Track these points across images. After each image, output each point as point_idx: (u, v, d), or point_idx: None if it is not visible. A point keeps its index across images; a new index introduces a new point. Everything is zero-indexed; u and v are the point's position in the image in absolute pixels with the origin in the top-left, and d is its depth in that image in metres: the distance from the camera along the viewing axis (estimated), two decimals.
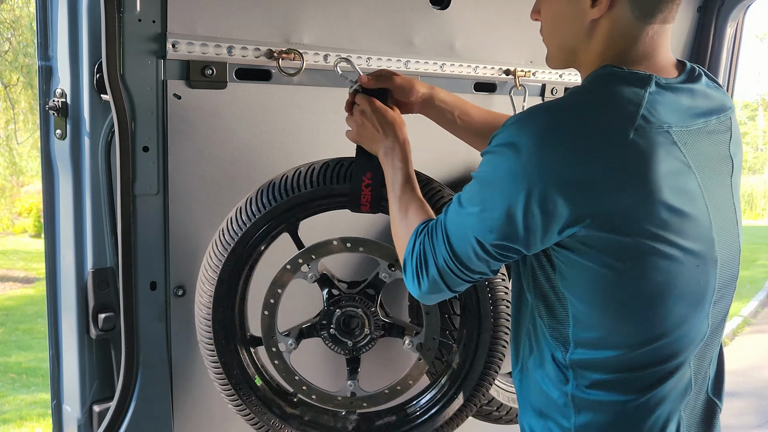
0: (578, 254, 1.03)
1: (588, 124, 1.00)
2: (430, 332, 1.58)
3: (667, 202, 1.00)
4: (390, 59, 1.81)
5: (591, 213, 0.99)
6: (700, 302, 1.09)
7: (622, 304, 1.05)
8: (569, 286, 1.07)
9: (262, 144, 1.67)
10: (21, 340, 7.63)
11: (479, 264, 1.10)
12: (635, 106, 1.01)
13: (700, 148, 1.07)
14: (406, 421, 1.64)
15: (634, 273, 1.02)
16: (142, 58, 1.48)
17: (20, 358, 7.11)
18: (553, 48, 1.20)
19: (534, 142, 0.99)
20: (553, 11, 1.15)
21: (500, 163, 1.03)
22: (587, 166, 0.98)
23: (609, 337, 1.07)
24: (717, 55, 2.58)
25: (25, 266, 10.85)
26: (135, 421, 1.61)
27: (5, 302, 9.14)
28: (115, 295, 1.63)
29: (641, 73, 1.06)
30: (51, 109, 1.60)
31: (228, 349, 1.55)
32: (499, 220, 1.03)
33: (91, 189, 1.60)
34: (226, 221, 1.52)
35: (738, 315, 8.44)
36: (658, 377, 1.08)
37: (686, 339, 1.09)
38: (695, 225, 1.04)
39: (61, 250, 1.70)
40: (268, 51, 1.62)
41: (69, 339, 1.71)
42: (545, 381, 1.16)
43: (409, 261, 1.19)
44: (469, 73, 1.96)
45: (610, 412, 1.09)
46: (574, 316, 1.08)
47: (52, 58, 1.63)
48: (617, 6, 1.08)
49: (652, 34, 1.10)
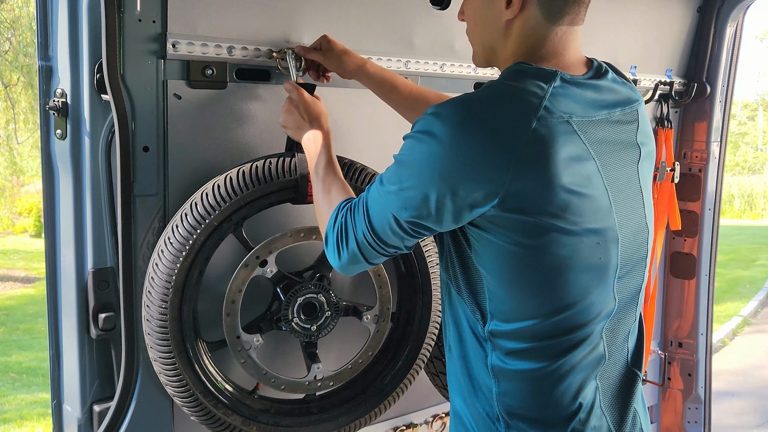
0: (489, 233, 1.13)
1: (495, 115, 1.10)
2: (383, 304, 1.74)
3: (565, 185, 1.10)
4: (390, 59, 1.81)
5: (498, 195, 1.08)
6: (602, 277, 1.18)
7: (530, 278, 1.15)
8: (483, 262, 1.17)
9: (262, 144, 1.67)
10: (21, 339, 7.63)
11: (394, 239, 1.19)
12: (539, 99, 1.11)
13: (601, 136, 1.17)
14: (362, 390, 1.78)
15: (539, 249, 1.12)
16: (142, 58, 1.48)
17: (20, 357, 7.11)
18: (476, 46, 1.30)
19: (448, 131, 1.09)
20: (475, 12, 1.26)
21: (417, 148, 1.13)
22: (495, 153, 1.08)
23: (520, 308, 1.17)
24: (717, 55, 2.58)
25: (26, 266, 10.85)
26: (135, 421, 1.61)
27: (6, 302, 9.14)
28: (115, 295, 1.63)
29: (547, 69, 1.16)
30: (51, 109, 1.60)
31: (187, 360, 1.54)
32: (414, 200, 1.13)
33: (92, 189, 1.60)
34: (170, 228, 1.50)
35: (738, 315, 8.44)
36: (569, 346, 1.18)
37: (591, 310, 1.18)
38: (594, 205, 1.14)
39: (61, 249, 1.70)
40: (268, 51, 1.62)
41: (69, 339, 1.71)
42: (467, 356, 1.25)
43: (331, 234, 1.27)
44: (469, 73, 1.97)
45: (526, 378, 1.19)
46: (489, 290, 1.18)
47: (53, 58, 1.63)
48: (528, 8, 1.18)
49: (560, 34, 1.20)
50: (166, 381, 1.56)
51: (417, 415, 2.12)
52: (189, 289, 1.51)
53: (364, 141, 1.84)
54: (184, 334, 1.53)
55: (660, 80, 2.51)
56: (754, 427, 5.35)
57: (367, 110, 1.83)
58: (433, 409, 2.15)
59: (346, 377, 1.74)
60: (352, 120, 1.81)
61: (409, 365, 1.80)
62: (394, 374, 1.80)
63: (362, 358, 1.75)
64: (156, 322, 1.50)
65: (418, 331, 1.80)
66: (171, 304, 1.49)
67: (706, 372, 2.80)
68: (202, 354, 1.58)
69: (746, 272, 10.93)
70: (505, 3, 1.19)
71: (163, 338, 1.50)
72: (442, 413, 2.16)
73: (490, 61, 1.29)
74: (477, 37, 1.29)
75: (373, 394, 1.79)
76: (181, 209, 1.52)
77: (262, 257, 1.58)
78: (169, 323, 1.50)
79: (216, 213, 1.49)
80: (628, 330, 1.29)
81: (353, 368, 1.75)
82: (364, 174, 1.66)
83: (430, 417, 2.15)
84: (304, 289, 1.63)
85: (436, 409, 2.15)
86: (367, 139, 1.84)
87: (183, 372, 1.53)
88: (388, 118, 1.85)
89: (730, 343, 7.60)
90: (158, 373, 1.55)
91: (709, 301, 2.80)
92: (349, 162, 1.65)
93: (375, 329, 1.74)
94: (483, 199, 1.09)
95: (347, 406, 1.76)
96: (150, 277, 1.50)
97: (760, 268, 11.30)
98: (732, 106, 2.77)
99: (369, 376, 1.80)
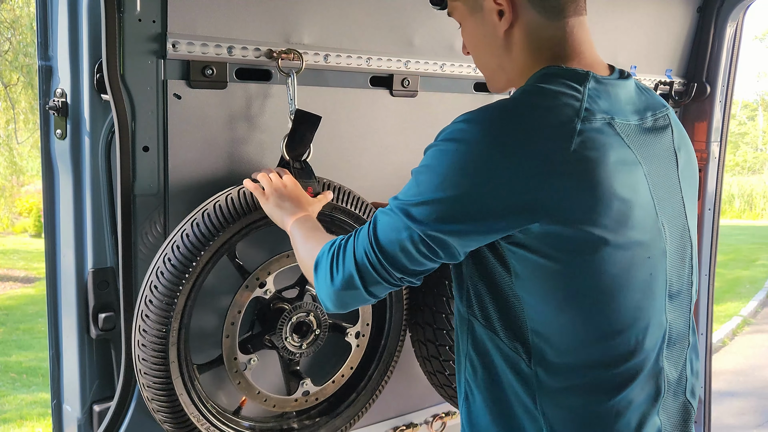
0: (533, 252, 1.02)
1: (534, 117, 1.01)
2: (364, 320, 1.78)
3: (617, 192, 1.00)
4: (390, 59, 1.81)
5: (540, 208, 0.98)
6: (653, 296, 1.09)
7: (582, 300, 1.04)
8: (527, 287, 1.05)
9: (262, 144, 1.67)
10: (21, 339, 7.63)
11: (403, 260, 1.05)
12: (578, 100, 1.03)
13: (641, 140, 1.09)
14: (336, 403, 1.82)
15: (590, 267, 1.02)
16: (142, 58, 1.48)
17: (20, 357, 7.11)
18: (488, 72, 1.22)
19: (482, 137, 1.00)
20: (472, 37, 1.19)
21: (445, 155, 1.02)
22: (536, 160, 0.98)
23: (570, 336, 1.06)
24: (717, 55, 2.58)
25: (26, 266, 10.84)
26: (135, 421, 1.61)
27: (6, 302, 9.14)
28: (115, 295, 1.63)
29: (579, 69, 1.08)
30: (51, 108, 1.60)
31: (185, 383, 1.53)
32: (438, 212, 1.00)
33: (92, 189, 1.60)
34: (161, 259, 1.47)
35: (738, 315, 8.44)
36: (624, 377, 1.07)
37: (644, 334, 1.08)
38: (643, 215, 1.05)
39: (61, 249, 1.70)
40: (268, 51, 1.62)
41: (69, 339, 1.71)
42: (503, 400, 1.11)
43: (324, 257, 1.13)
44: (469, 73, 1.96)
45: (580, 417, 1.07)
46: (531, 319, 1.07)
47: (52, 57, 1.63)
48: (522, 11, 1.11)
49: (569, 29, 1.11)
50: (157, 407, 1.52)
51: (417, 415, 2.13)
52: (187, 312, 1.50)
53: (364, 141, 1.84)
54: (181, 358, 1.51)
55: (660, 80, 2.51)
56: (754, 427, 5.35)
57: (367, 111, 1.83)
58: (433, 409, 2.15)
59: (330, 391, 1.78)
60: (353, 120, 1.81)
61: (381, 377, 1.85)
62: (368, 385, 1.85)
63: (344, 373, 1.79)
64: (153, 347, 1.46)
65: (388, 345, 1.84)
66: (171, 329, 1.47)
67: (706, 372, 2.80)
68: (195, 378, 1.57)
69: (746, 272, 10.93)
70: (497, 15, 1.12)
71: (160, 364, 1.47)
72: (442, 413, 2.16)
73: (505, 81, 1.20)
74: (483, 62, 1.21)
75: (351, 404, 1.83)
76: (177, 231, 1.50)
77: (261, 279, 1.60)
78: (167, 348, 1.47)
79: (217, 236, 1.48)
80: (684, 356, 1.18)
81: (336, 383, 1.78)
82: (352, 197, 1.67)
83: (430, 417, 2.15)
84: (297, 309, 1.65)
85: (436, 409, 2.15)
86: (367, 139, 1.84)
87: (179, 398, 1.51)
88: (388, 118, 1.85)
89: (730, 343, 7.60)
90: (149, 399, 1.51)
91: (709, 301, 2.79)
92: (338, 186, 1.66)
93: (356, 345, 1.78)
94: (521, 213, 0.98)
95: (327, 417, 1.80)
96: (148, 301, 1.46)
97: (760, 268, 11.29)
98: (732, 106, 2.77)
99: (348, 389, 1.84)
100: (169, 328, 1.45)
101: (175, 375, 1.49)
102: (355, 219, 1.69)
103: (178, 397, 1.50)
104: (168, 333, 1.45)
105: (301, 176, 1.58)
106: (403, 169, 1.90)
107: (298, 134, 1.59)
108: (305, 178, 1.59)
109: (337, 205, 1.65)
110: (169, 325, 1.45)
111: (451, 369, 1.82)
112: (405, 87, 1.86)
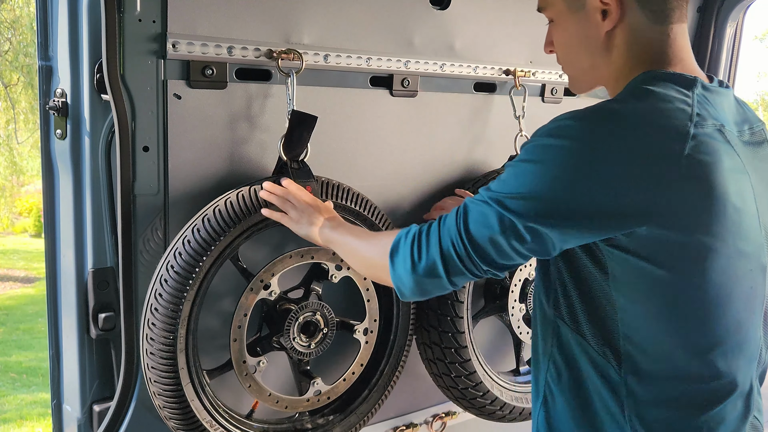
0: (635, 255, 0.99)
1: (646, 119, 0.98)
2: (371, 316, 1.76)
3: (730, 199, 0.98)
4: (390, 59, 1.81)
5: (651, 212, 0.95)
6: (752, 310, 1.06)
7: (680, 307, 1.01)
8: (623, 290, 1.02)
9: (262, 144, 1.67)
10: (21, 339, 7.64)
11: (492, 252, 1.02)
12: (688, 105, 1.00)
13: (746, 151, 1.07)
14: (348, 400, 1.81)
15: (696, 274, 0.99)
16: (142, 58, 1.48)
17: (20, 357, 7.11)
18: (576, 72, 1.19)
19: (591, 133, 0.97)
20: (567, 35, 1.15)
21: (549, 149, 0.99)
22: (649, 162, 0.95)
23: (664, 344, 1.02)
24: (717, 55, 2.58)
25: (26, 266, 10.85)
26: (135, 421, 1.61)
27: (5, 302, 9.15)
28: (115, 295, 1.63)
29: (687, 75, 1.06)
30: (51, 109, 1.60)
31: (196, 389, 1.53)
32: (536, 207, 0.98)
33: (91, 189, 1.60)
34: (164, 266, 1.47)
35: None
36: (720, 393, 1.04)
37: (741, 349, 1.05)
38: (749, 225, 1.03)
39: (61, 249, 1.70)
40: (268, 51, 1.62)
41: (69, 339, 1.71)
42: (589, 407, 1.08)
43: (403, 243, 1.11)
44: (469, 73, 1.96)
45: (671, 430, 1.04)
46: (624, 324, 1.03)
47: (53, 58, 1.63)
48: (628, 12, 1.08)
49: (673, 36, 1.09)
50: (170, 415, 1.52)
51: (417, 415, 2.13)
52: (193, 318, 1.50)
53: (364, 141, 1.84)
54: (190, 364, 1.51)
55: None
56: None
57: (367, 111, 1.83)
58: (433, 409, 2.15)
59: (341, 389, 1.76)
60: (353, 120, 1.81)
61: (393, 372, 1.84)
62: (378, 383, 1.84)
63: (355, 370, 1.78)
64: (162, 355, 1.47)
65: (398, 340, 1.83)
66: (179, 336, 1.47)
67: None
68: (206, 383, 1.57)
69: None
70: (601, 15, 1.09)
71: (169, 371, 1.47)
72: (442, 413, 2.16)
73: (596, 81, 1.17)
74: (574, 62, 1.17)
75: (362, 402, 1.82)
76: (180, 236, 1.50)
77: (265, 281, 1.60)
78: (176, 354, 1.47)
79: (219, 241, 1.48)
80: (764, 374, 1.15)
81: (348, 381, 1.77)
82: (351, 194, 1.67)
83: (430, 417, 2.15)
84: (303, 309, 1.64)
85: (436, 409, 2.15)
86: (367, 139, 1.84)
87: (191, 404, 1.51)
88: (388, 119, 1.85)
89: None
90: (161, 407, 1.52)
91: None
92: (336, 183, 1.66)
93: (365, 341, 1.77)
94: (631, 216, 0.96)
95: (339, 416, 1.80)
96: (153, 309, 1.47)
97: None
98: None
99: (361, 386, 1.82)
100: (176, 335, 1.46)
101: (185, 381, 1.49)
102: (356, 216, 1.69)
103: (190, 403, 1.50)
104: (175, 340, 1.46)
105: (300, 176, 1.58)
106: (403, 168, 1.91)
107: (295, 134, 1.59)
108: (303, 178, 1.59)
109: (338, 203, 1.65)
110: (176, 332, 1.46)
111: (456, 371, 1.82)
112: (405, 87, 1.86)
